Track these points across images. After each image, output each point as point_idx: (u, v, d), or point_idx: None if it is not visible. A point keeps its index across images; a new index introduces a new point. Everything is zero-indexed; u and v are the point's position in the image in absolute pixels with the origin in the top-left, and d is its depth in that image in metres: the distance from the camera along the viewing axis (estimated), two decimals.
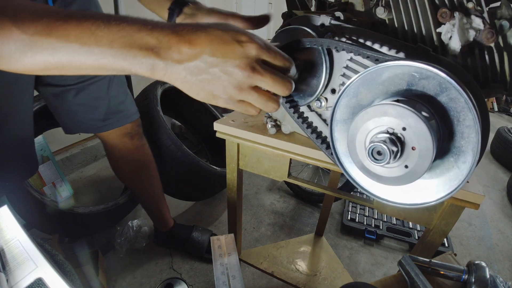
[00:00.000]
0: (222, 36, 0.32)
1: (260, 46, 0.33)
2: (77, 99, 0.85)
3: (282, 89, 0.36)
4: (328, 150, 0.53)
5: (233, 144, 0.73)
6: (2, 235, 0.45)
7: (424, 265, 0.52)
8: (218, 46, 0.31)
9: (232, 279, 0.55)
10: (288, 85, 0.36)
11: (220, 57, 0.31)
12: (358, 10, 0.55)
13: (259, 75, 0.33)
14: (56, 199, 1.53)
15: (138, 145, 1.02)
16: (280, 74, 0.35)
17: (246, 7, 3.05)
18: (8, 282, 0.40)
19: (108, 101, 0.89)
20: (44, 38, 0.28)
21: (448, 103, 0.35)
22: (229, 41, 0.32)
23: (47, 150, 1.48)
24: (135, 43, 0.29)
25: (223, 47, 0.31)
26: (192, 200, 1.63)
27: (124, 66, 0.31)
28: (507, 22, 0.43)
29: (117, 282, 1.17)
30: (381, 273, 1.31)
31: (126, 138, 0.97)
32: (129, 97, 0.95)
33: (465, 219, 1.71)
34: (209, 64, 0.32)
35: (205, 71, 0.32)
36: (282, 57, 0.36)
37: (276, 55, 0.35)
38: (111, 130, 0.93)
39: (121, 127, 0.94)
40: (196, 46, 0.31)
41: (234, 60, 0.32)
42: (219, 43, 0.31)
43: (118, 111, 0.92)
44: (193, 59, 0.31)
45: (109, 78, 0.88)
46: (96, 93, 0.87)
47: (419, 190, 0.40)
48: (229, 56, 0.32)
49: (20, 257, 0.43)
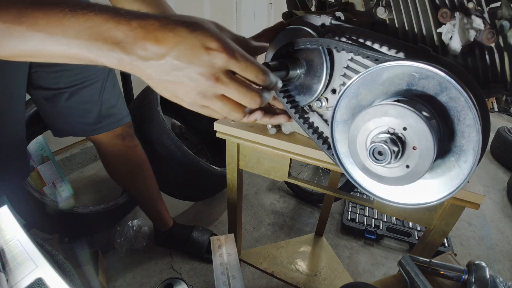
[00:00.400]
0: (190, 39, 0.29)
1: (229, 56, 0.30)
2: (69, 102, 0.85)
3: (249, 102, 0.34)
4: (329, 150, 0.53)
5: (233, 144, 0.73)
6: (2, 235, 0.45)
7: (424, 265, 0.52)
8: (184, 50, 0.29)
9: (232, 279, 0.55)
10: (256, 99, 0.34)
11: (185, 62, 0.30)
12: (359, 10, 0.55)
13: (223, 85, 0.32)
14: (56, 199, 1.52)
15: (130, 146, 1.02)
16: (248, 86, 0.33)
17: (246, 7, 3.05)
18: (8, 282, 0.40)
19: (100, 105, 0.88)
20: (16, 25, 0.28)
21: (448, 103, 0.35)
22: (196, 46, 0.30)
23: (47, 150, 1.48)
24: (101, 35, 0.28)
25: (189, 52, 0.29)
26: (192, 200, 1.63)
27: (91, 58, 0.30)
28: (507, 22, 0.43)
29: (117, 282, 1.17)
30: (381, 273, 1.31)
31: (118, 139, 0.97)
32: (121, 100, 0.95)
33: (465, 219, 1.72)
34: (173, 67, 0.30)
35: (169, 73, 0.30)
36: (254, 69, 0.33)
37: (247, 67, 0.32)
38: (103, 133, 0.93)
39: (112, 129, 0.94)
40: (161, 46, 0.29)
41: (198, 68, 0.30)
42: (186, 47, 0.29)
43: (109, 115, 0.92)
44: (158, 59, 0.30)
45: (102, 82, 0.87)
46: (88, 97, 0.86)
47: (420, 190, 0.40)
48: (194, 63, 0.30)
49: (20, 257, 0.43)
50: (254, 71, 0.33)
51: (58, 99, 0.84)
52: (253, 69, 0.33)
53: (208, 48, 0.30)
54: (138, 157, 1.06)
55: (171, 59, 0.29)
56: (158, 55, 0.29)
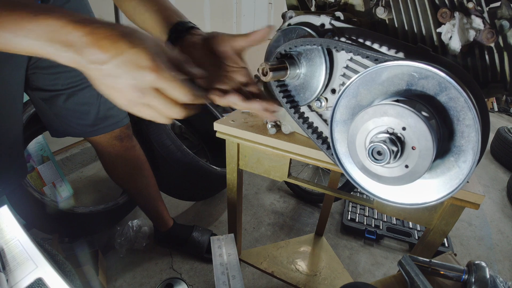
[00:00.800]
0: (128, 54, 0.33)
1: (157, 78, 0.34)
2: (67, 104, 0.85)
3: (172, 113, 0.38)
4: (328, 150, 0.53)
5: (233, 144, 0.73)
6: (2, 235, 0.45)
7: (424, 265, 0.52)
8: (121, 62, 0.33)
9: (232, 279, 0.55)
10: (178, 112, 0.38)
11: (120, 73, 0.34)
12: (358, 10, 0.55)
13: (148, 99, 0.36)
14: (56, 199, 1.53)
15: (128, 147, 1.02)
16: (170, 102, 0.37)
17: (246, 7, 3.05)
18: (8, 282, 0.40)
19: (98, 107, 0.89)
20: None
21: (448, 103, 0.35)
22: (131, 61, 0.33)
23: (47, 150, 1.48)
24: (58, 38, 0.33)
25: (125, 65, 0.33)
26: (192, 200, 1.63)
27: (51, 56, 0.34)
28: (507, 22, 0.43)
29: (117, 282, 1.17)
30: (381, 273, 1.31)
31: (116, 141, 0.97)
32: None
33: (465, 219, 1.71)
34: (110, 74, 0.34)
35: (106, 78, 0.35)
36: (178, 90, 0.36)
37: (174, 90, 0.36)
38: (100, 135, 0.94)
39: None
40: (104, 54, 0.33)
41: (129, 80, 0.34)
42: (123, 60, 0.33)
43: (107, 117, 0.92)
44: (100, 64, 0.34)
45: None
46: (86, 99, 0.87)
47: (420, 190, 0.40)
48: (126, 75, 0.34)
49: (20, 257, 0.43)
50: (179, 92, 0.36)
51: (56, 101, 0.84)
52: (178, 90, 0.36)
53: (141, 66, 0.33)
54: (137, 157, 1.06)
55: (110, 67, 0.34)
56: (101, 61, 0.33)
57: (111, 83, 0.35)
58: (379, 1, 0.52)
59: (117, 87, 0.35)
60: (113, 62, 0.33)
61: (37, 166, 1.44)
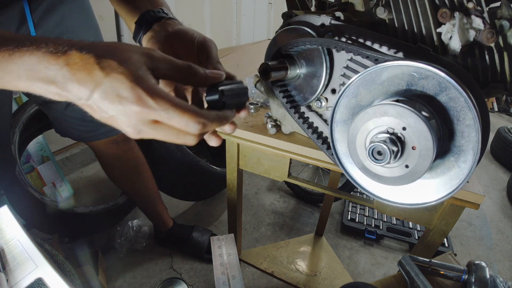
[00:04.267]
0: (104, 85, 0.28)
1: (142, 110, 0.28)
2: (67, 111, 0.85)
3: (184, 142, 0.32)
4: (328, 150, 0.53)
5: (233, 144, 0.73)
6: (2, 235, 0.45)
7: (424, 265, 0.52)
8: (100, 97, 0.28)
9: (232, 279, 0.55)
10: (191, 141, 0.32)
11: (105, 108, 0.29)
12: (358, 10, 0.55)
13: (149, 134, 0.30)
14: (56, 199, 1.52)
15: (126, 149, 1.02)
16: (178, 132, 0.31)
17: (246, 7, 3.05)
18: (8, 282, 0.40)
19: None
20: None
21: (448, 103, 0.35)
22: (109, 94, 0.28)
23: (47, 150, 1.48)
24: (38, 76, 0.29)
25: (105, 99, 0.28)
26: (192, 200, 1.63)
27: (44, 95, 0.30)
28: (507, 22, 0.43)
29: (117, 282, 1.17)
30: (381, 273, 1.31)
31: (112, 144, 0.98)
32: None
33: (465, 219, 1.71)
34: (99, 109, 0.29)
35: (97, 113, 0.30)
36: (181, 119, 0.29)
37: (170, 118, 0.29)
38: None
39: None
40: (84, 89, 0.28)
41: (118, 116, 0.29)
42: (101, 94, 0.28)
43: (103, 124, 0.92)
44: (86, 100, 0.29)
45: None
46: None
47: (420, 190, 0.40)
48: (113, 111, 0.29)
49: (20, 257, 0.43)
50: (182, 121, 0.29)
51: (55, 106, 0.85)
52: (179, 118, 0.29)
53: (121, 97, 0.28)
54: (135, 159, 1.06)
55: (95, 101, 0.29)
56: (83, 97, 0.29)
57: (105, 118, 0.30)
58: (379, 1, 0.52)
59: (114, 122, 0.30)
60: (95, 96, 0.28)
61: (37, 166, 1.44)
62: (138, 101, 0.28)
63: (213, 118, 0.31)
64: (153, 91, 0.28)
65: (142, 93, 0.28)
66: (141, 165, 1.09)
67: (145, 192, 1.15)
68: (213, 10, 2.56)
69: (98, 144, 0.96)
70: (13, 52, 0.28)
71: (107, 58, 0.28)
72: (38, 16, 0.70)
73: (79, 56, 0.28)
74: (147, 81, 0.28)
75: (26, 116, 1.13)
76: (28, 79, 0.29)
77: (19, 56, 0.28)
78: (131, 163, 1.06)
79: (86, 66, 0.28)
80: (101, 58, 0.28)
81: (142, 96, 0.28)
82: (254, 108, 0.76)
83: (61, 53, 0.28)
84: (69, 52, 0.28)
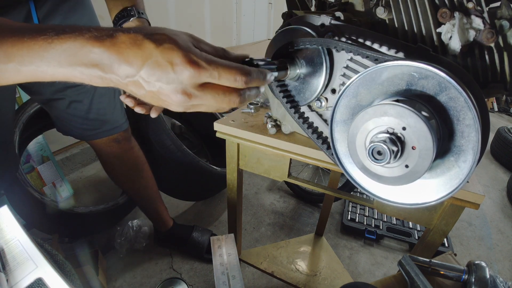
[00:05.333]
0: (156, 55, 0.30)
1: (195, 70, 0.30)
2: (69, 110, 0.86)
3: (228, 105, 0.34)
4: (328, 150, 0.53)
5: (233, 144, 0.73)
6: (2, 235, 0.45)
7: (424, 265, 0.52)
8: (151, 68, 0.30)
9: (232, 279, 0.55)
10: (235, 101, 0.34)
11: (155, 80, 0.30)
12: (358, 10, 0.55)
13: (197, 99, 0.32)
14: (56, 199, 1.52)
15: (126, 148, 1.02)
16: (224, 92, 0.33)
17: (246, 7, 3.05)
18: (8, 282, 0.40)
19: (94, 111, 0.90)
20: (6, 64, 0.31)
21: (448, 103, 0.35)
22: (161, 63, 0.30)
23: (47, 150, 1.48)
24: (80, 61, 0.30)
25: (157, 69, 0.30)
26: (192, 200, 1.63)
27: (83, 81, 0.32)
28: (507, 22, 0.43)
29: (117, 282, 1.17)
30: (381, 273, 1.31)
31: (113, 142, 0.99)
32: (117, 109, 0.95)
33: (465, 219, 1.71)
34: (147, 84, 0.31)
35: (145, 88, 0.31)
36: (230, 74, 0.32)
37: (220, 75, 0.31)
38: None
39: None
40: (132, 65, 0.30)
41: (168, 85, 0.30)
42: (153, 65, 0.30)
43: (106, 122, 0.93)
44: (132, 77, 0.30)
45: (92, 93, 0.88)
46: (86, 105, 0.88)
47: (420, 190, 0.40)
48: (163, 81, 0.30)
49: (20, 257, 0.43)
50: (231, 76, 0.32)
51: (57, 105, 0.86)
52: (228, 75, 0.32)
53: (174, 63, 0.30)
54: (135, 158, 1.07)
55: (143, 76, 0.30)
56: (131, 74, 0.30)
57: (153, 94, 0.32)
58: (379, 1, 0.52)
59: (161, 97, 0.32)
60: (144, 70, 0.30)
61: (37, 166, 1.44)
62: (191, 64, 0.30)
63: (255, 71, 0.35)
64: (203, 56, 0.31)
65: (194, 56, 0.30)
66: (141, 164, 1.09)
67: (145, 191, 1.15)
68: (213, 10, 2.56)
69: (99, 142, 0.97)
70: (53, 40, 0.29)
71: (157, 33, 0.30)
72: (42, 14, 0.71)
73: (127, 36, 0.30)
74: (195, 49, 0.31)
75: (26, 116, 1.13)
76: (70, 64, 0.30)
77: (59, 43, 0.29)
78: (131, 162, 1.06)
79: (136, 42, 0.29)
80: (149, 34, 0.30)
81: (195, 59, 0.30)
82: (254, 108, 0.77)
83: (106, 36, 0.30)
84: (115, 34, 0.30)
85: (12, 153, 0.88)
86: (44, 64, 0.30)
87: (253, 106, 0.77)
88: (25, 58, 0.30)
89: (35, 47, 0.30)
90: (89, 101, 0.87)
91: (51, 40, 0.29)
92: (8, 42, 0.30)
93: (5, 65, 0.30)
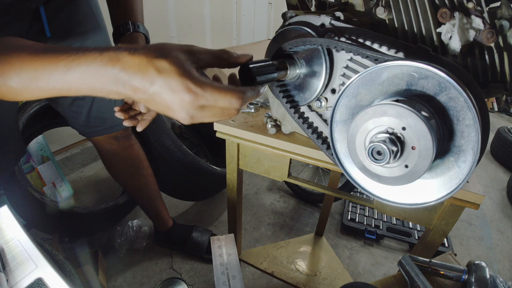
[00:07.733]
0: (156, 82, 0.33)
1: (193, 98, 0.33)
2: (73, 107, 0.88)
3: (228, 117, 0.38)
4: (328, 150, 0.53)
5: (233, 144, 0.73)
6: (2, 235, 0.45)
7: (424, 265, 0.52)
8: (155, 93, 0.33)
9: (232, 279, 0.55)
10: (233, 114, 0.38)
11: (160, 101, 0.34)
12: (358, 10, 0.55)
13: (199, 117, 0.36)
14: (56, 199, 1.52)
15: (126, 146, 1.04)
16: (223, 109, 0.36)
17: (246, 7, 3.05)
18: (8, 282, 0.40)
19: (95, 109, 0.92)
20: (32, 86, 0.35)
21: (448, 103, 0.35)
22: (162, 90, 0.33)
23: (47, 150, 1.48)
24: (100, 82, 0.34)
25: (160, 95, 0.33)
26: (192, 200, 1.63)
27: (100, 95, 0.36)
28: (507, 22, 0.43)
29: (117, 282, 1.17)
30: (381, 273, 1.31)
31: (113, 140, 1.00)
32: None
33: (465, 219, 1.71)
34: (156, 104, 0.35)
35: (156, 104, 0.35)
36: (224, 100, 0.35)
37: (216, 100, 0.35)
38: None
39: None
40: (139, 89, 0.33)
41: (172, 106, 0.34)
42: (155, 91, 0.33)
43: (106, 119, 0.95)
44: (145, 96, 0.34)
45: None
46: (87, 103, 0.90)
47: (420, 190, 0.40)
48: (167, 103, 0.34)
49: (20, 257, 0.43)
50: (226, 100, 0.35)
51: (61, 101, 0.88)
52: (223, 99, 0.35)
53: (174, 90, 0.33)
54: (135, 156, 1.08)
55: (152, 97, 0.34)
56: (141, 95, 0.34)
57: (163, 109, 0.35)
58: (379, 1, 0.52)
59: (169, 113, 0.35)
60: (150, 93, 0.33)
61: (37, 166, 1.44)
62: (188, 91, 0.33)
63: (248, 90, 0.38)
64: (199, 81, 0.34)
65: (190, 84, 0.33)
66: (141, 162, 1.10)
67: (146, 189, 1.15)
68: (213, 10, 2.56)
69: (99, 139, 0.99)
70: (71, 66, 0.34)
71: (158, 58, 0.33)
72: (50, 12, 0.73)
73: (133, 59, 0.33)
74: (193, 74, 0.34)
75: (26, 116, 1.13)
76: (89, 86, 0.34)
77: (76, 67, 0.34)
78: (131, 160, 1.07)
79: (140, 68, 0.33)
80: (152, 58, 0.33)
81: (191, 86, 0.33)
82: (254, 108, 0.77)
83: (116, 59, 0.33)
84: (125, 57, 0.33)
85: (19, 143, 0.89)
86: (66, 85, 0.34)
87: (253, 106, 0.77)
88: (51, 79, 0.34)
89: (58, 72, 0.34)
90: (91, 99, 0.89)
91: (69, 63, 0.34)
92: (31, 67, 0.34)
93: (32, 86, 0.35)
